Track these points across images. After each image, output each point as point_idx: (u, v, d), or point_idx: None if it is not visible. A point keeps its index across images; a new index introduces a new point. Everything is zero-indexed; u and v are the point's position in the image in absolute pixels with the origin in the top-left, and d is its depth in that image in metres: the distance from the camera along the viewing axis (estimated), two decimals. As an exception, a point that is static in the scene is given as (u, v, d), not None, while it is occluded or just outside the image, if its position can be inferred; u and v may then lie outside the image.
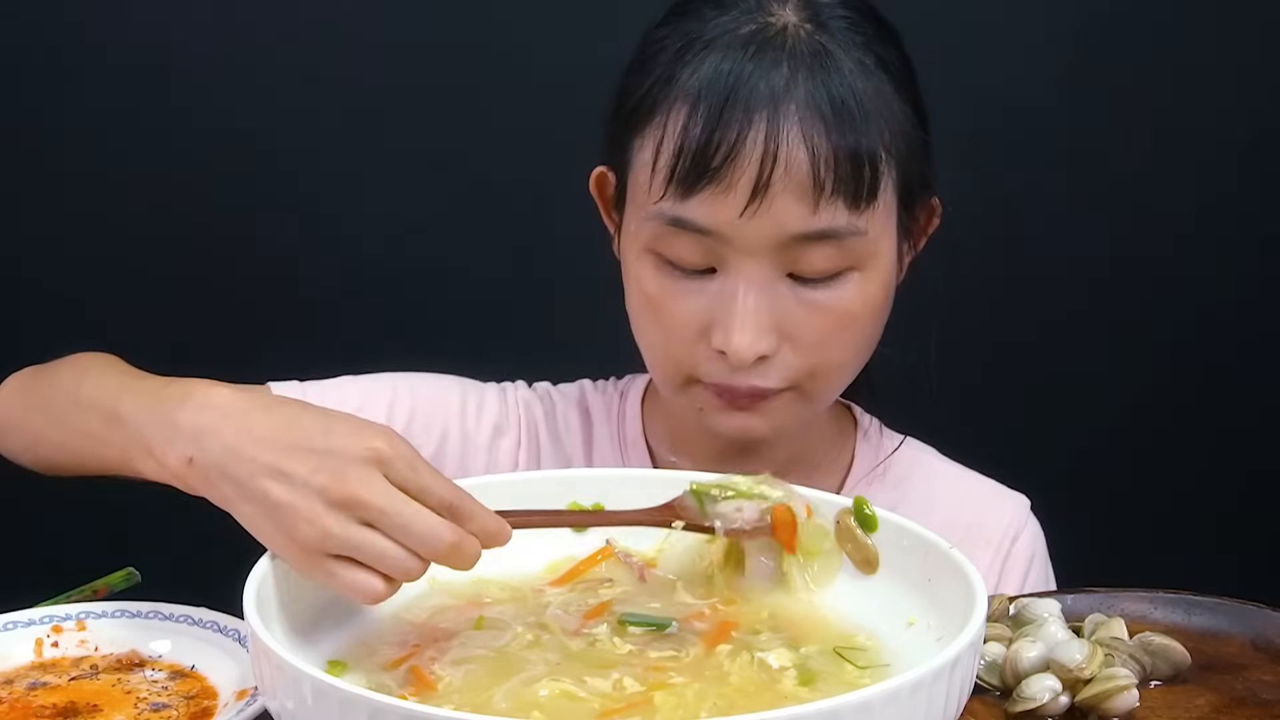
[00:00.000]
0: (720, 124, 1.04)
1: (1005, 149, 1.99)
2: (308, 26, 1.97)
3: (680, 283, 1.09)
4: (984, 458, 1.29)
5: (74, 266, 1.98)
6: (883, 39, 1.10)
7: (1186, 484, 2.07)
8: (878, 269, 1.10)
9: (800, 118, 1.04)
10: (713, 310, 1.08)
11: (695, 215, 1.06)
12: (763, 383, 1.09)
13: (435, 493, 0.88)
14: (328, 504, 0.86)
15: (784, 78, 1.05)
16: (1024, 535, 1.26)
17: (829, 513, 0.99)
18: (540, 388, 1.31)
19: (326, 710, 0.74)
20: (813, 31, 1.07)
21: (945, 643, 0.82)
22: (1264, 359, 2.06)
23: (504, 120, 1.96)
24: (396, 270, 2.00)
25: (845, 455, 1.27)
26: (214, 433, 0.91)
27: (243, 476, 0.89)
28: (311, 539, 0.86)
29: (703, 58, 1.07)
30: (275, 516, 0.87)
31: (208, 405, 0.93)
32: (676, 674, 0.87)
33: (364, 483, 0.86)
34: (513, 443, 1.25)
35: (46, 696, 0.98)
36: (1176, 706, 0.92)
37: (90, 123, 1.97)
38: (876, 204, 1.07)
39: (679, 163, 1.06)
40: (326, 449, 0.88)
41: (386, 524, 0.86)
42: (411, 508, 0.87)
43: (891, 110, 1.08)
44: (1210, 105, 2.01)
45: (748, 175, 1.04)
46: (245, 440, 0.90)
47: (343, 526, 0.86)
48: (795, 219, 1.05)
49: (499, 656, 0.89)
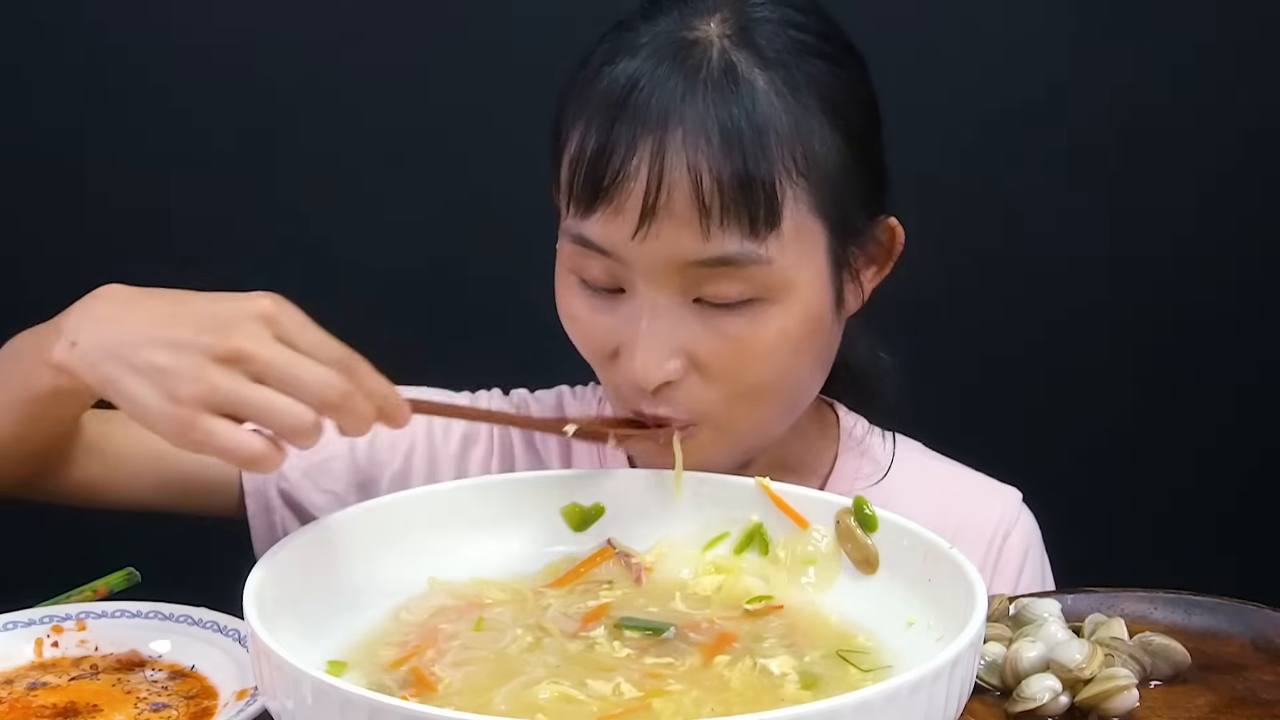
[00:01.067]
0: (610, 140, 1.01)
1: (1005, 149, 1.99)
2: (300, 25, 1.97)
3: (595, 301, 1.06)
4: (983, 457, 1.29)
5: (44, 267, 1.97)
6: (823, 58, 1.05)
7: (1186, 484, 2.07)
8: (796, 301, 1.03)
9: (685, 139, 0.99)
10: (620, 333, 1.04)
11: (594, 235, 1.02)
12: (670, 413, 1.04)
13: (327, 350, 0.87)
14: (214, 360, 0.85)
15: (678, 96, 1.00)
16: (1016, 529, 1.24)
17: (828, 513, 0.99)
18: (516, 395, 1.29)
19: (326, 710, 0.74)
20: (728, 49, 1.02)
21: (945, 643, 0.82)
22: (1264, 359, 2.06)
23: (495, 123, 1.95)
24: (383, 276, 1.99)
25: (827, 457, 1.25)
26: (98, 317, 0.92)
27: (125, 350, 0.88)
28: (196, 395, 0.84)
29: (610, 69, 1.03)
30: (159, 381, 0.86)
31: (93, 299, 0.94)
32: (675, 681, 0.86)
33: (251, 337, 0.85)
34: (484, 452, 1.23)
35: (46, 696, 0.98)
36: (1176, 706, 0.92)
37: (66, 122, 1.96)
38: (781, 231, 1.01)
39: (575, 179, 1.03)
40: (212, 314, 0.88)
41: (275, 376, 0.85)
42: (300, 359, 0.86)
43: (805, 135, 1.01)
44: (1211, 105, 2.01)
45: (634, 197, 0.99)
46: (130, 319, 0.90)
47: (231, 380, 0.84)
48: (686, 244, 1.00)
49: (499, 658, 0.89)
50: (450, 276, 1.99)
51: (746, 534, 1.02)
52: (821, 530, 1.00)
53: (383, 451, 1.21)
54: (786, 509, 1.01)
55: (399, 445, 1.22)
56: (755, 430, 1.09)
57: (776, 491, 1.02)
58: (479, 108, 1.96)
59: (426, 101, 1.97)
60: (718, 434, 1.07)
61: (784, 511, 1.01)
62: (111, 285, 0.95)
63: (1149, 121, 2.00)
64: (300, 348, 0.87)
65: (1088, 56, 1.99)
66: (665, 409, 1.04)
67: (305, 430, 0.86)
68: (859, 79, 1.09)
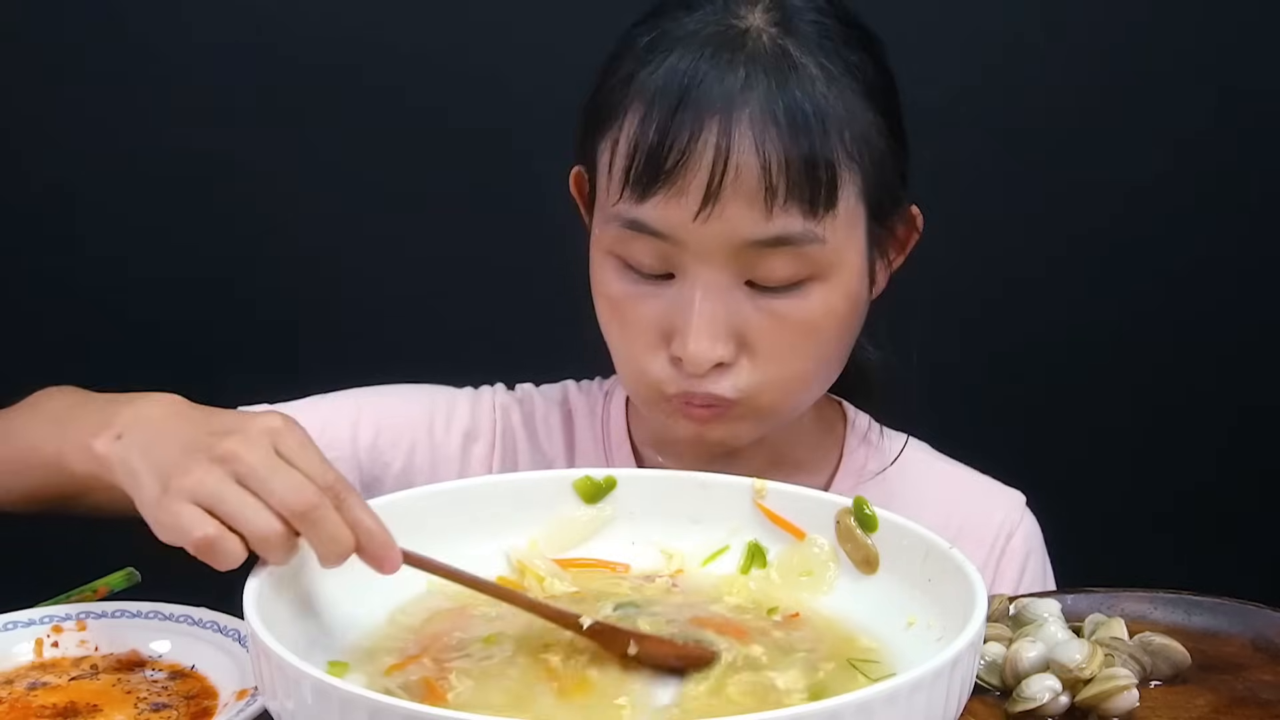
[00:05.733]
0: (673, 126, 1.03)
1: (1004, 149, 1.99)
2: (293, 27, 1.96)
3: (640, 287, 1.08)
4: (984, 457, 1.29)
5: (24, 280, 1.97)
6: (856, 45, 1.09)
7: (1186, 484, 2.07)
8: (841, 280, 1.08)
9: (752, 122, 1.03)
10: (671, 316, 1.07)
11: (650, 218, 1.05)
12: (719, 391, 1.07)
13: (319, 472, 0.87)
14: (210, 459, 0.87)
15: (740, 81, 1.04)
16: (1019, 532, 1.25)
17: (828, 515, 0.99)
18: (521, 389, 1.29)
19: (326, 710, 0.74)
20: (777, 35, 1.06)
21: (945, 643, 0.82)
22: (1265, 359, 2.06)
23: (494, 119, 1.95)
24: (385, 271, 1.99)
25: (833, 455, 1.25)
26: (148, 419, 0.94)
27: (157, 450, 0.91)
28: (183, 486, 0.86)
29: (663, 58, 1.06)
30: (163, 473, 0.89)
31: (153, 401, 0.96)
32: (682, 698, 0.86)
33: (246, 442, 0.87)
34: (486, 448, 1.24)
35: (46, 696, 0.98)
36: (1176, 706, 0.92)
37: (52, 127, 1.96)
38: (836, 212, 1.05)
39: (633, 164, 1.05)
40: (227, 422, 0.90)
41: (254, 479, 0.86)
42: (285, 468, 0.87)
43: (855, 118, 1.06)
44: (1210, 104, 2.01)
45: (699, 179, 1.03)
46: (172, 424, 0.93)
47: (216, 478, 0.86)
48: (749, 224, 1.04)
49: (503, 675, 0.88)
50: (451, 274, 1.99)
51: (747, 553, 1.02)
52: (820, 541, 1.00)
53: (385, 451, 1.21)
54: (783, 524, 1.01)
55: (400, 443, 1.23)
56: (790, 410, 1.13)
57: (776, 495, 1.01)
58: (479, 107, 1.96)
59: (426, 101, 1.97)
60: (756, 412, 1.10)
61: (780, 526, 1.01)
62: (171, 396, 0.97)
63: (1151, 121, 2.00)
64: (294, 463, 0.87)
65: (1089, 55, 1.99)
66: (715, 388, 1.07)
67: (270, 539, 0.85)
68: (884, 63, 1.12)
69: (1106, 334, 2.06)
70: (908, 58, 1.14)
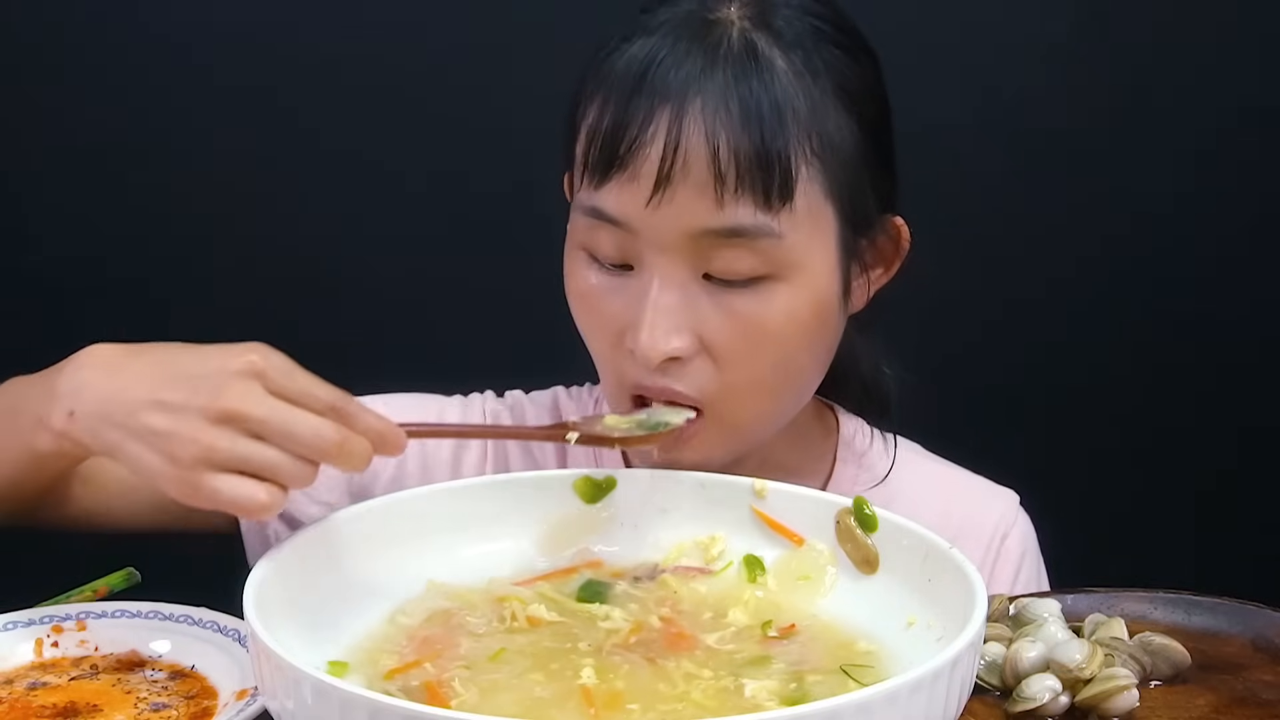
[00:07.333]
0: (628, 111, 1.03)
1: (1004, 149, 1.99)
2: (299, 25, 1.96)
3: (605, 279, 1.07)
4: (983, 458, 1.29)
5: (45, 267, 1.97)
6: (837, 47, 1.07)
7: (1186, 484, 2.07)
8: (806, 283, 1.05)
9: (704, 110, 1.01)
10: (629, 309, 1.05)
11: (607, 204, 1.04)
12: (679, 388, 1.05)
13: (316, 396, 0.90)
14: (210, 421, 0.87)
15: (698, 69, 1.03)
16: (1014, 532, 1.24)
17: (828, 515, 0.99)
18: (511, 396, 1.29)
19: (326, 710, 0.74)
20: (748, 29, 1.05)
21: (945, 643, 0.82)
22: (1265, 359, 2.06)
23: (491, 124, 1.95)
24: (376, 279, 1.99)
25: (826, 459, 1.24)
26: (91, 384, 0.94)
27: (122, 416, 0.91)
28: (197, 456, 0.87)
29: (628, 46, 1.06)
30: (159, 445, 0.89)
31: (83, 365, 0.96)
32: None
33: (243, 395, 0.87)
34: (477, 455, 1.23)
35: (46, 696, 0.98)
36: (1176, 706, 0.92)
37: (68, 121, 1.96)
38: (793, 207, 1.03)
39: (591, 149, 1.05)
40: (202, 373, 0.90)
41: (270, 431, 0.87)
42: (293, 412, 0.88)
43: (822, 116, 1.04)
44: (1212, 104, 2.01)
45: (650, 164, 1.02)
46: (121, 384, 0.92)
47: (229, 440, 0.87)
48: (701, 213, 1.02)
49: (509, 677, 0.88)
50: (446, 275, 1.99)
51: (744, 566, 1.02)
52: (818, 545, 1.00)
53: (375, 460, 1.20)
54: (781, 530, 1.01)
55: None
56: (756, 424, 1.10)
57: (776, 495, 1.02)
58: (479, 107, 1.96)
59: (426, 100, 1.97)
60: (719, 428, 1.07)
61: (778, 533, 1.01)
62: (97, 347, 0.97)
63: (1151, 122, 2.00)
64: (290, 396, 0.89)
65: (1089, 55, 1.99)
66: (671, 382, 1.05)
67: (304, 478, 0.89)
68: (872, 72, 1.10)
69: (1107, 335, 2.06)
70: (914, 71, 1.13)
